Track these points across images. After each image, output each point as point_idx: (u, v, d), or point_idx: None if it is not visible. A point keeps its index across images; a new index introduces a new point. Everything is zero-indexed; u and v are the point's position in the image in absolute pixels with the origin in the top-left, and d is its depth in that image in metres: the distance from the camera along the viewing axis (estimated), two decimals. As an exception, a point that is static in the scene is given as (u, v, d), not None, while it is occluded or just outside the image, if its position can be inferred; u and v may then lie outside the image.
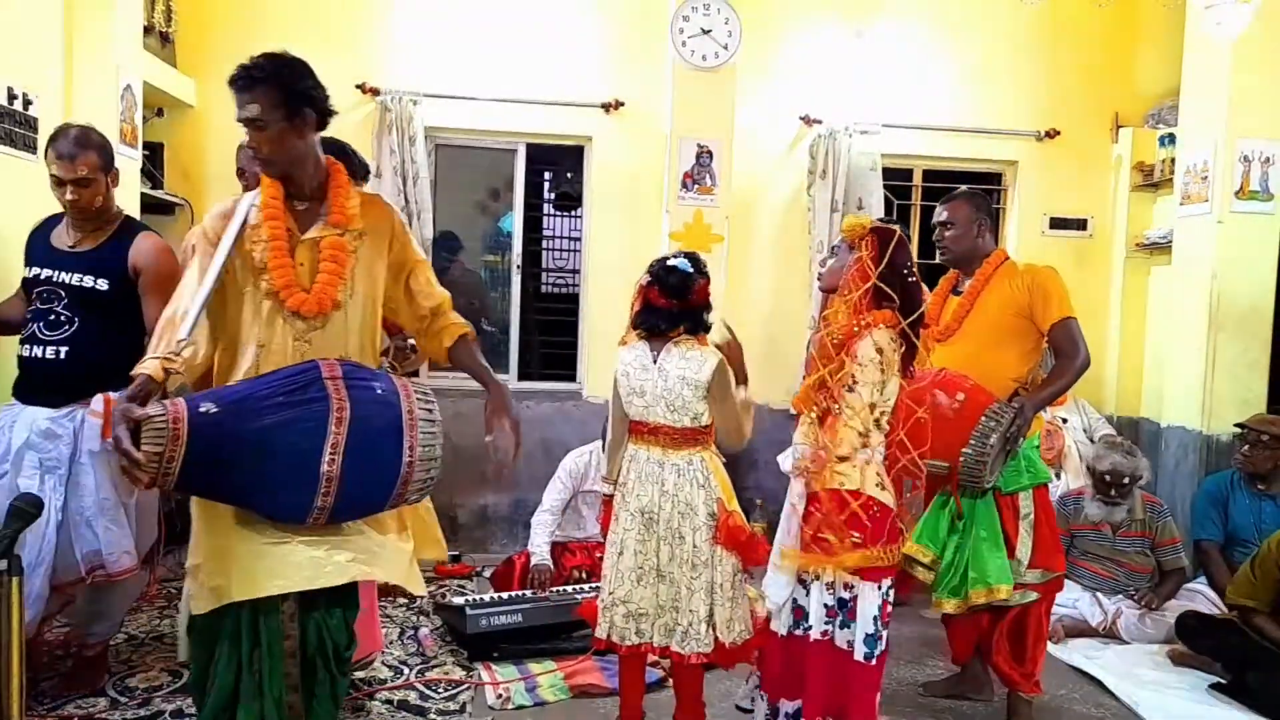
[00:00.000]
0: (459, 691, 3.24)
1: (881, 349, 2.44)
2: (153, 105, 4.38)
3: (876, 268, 2.48)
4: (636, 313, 2.73)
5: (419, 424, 2.06)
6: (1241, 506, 4.06)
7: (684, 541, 2.61)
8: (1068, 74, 5.39)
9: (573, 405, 5.12)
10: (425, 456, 2.06)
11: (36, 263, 2.89)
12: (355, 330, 2.18)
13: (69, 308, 2.84)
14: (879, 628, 2.46)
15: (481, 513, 5.01)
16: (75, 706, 2.95)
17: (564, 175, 5.42)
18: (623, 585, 2.67)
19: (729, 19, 4.69)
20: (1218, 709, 3.32)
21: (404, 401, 2.06)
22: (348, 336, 2.17)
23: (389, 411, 2.04)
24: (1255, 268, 4.46)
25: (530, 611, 3.59)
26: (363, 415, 1.99)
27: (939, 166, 5.48)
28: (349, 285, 2.15)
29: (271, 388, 1.99)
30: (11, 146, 3.24)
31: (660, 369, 2.65)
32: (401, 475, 2.04)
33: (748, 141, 5.06)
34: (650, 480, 2.65)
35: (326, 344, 2.12)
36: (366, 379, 2.06)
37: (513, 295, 5.24)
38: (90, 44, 3.65)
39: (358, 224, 2.18)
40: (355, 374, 2.06)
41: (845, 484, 2.43)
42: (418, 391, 2.11)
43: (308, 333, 2.12)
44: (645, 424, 2.69)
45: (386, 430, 2.02)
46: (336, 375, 2.02)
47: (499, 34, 4.95)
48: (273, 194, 2.14)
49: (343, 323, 2.15)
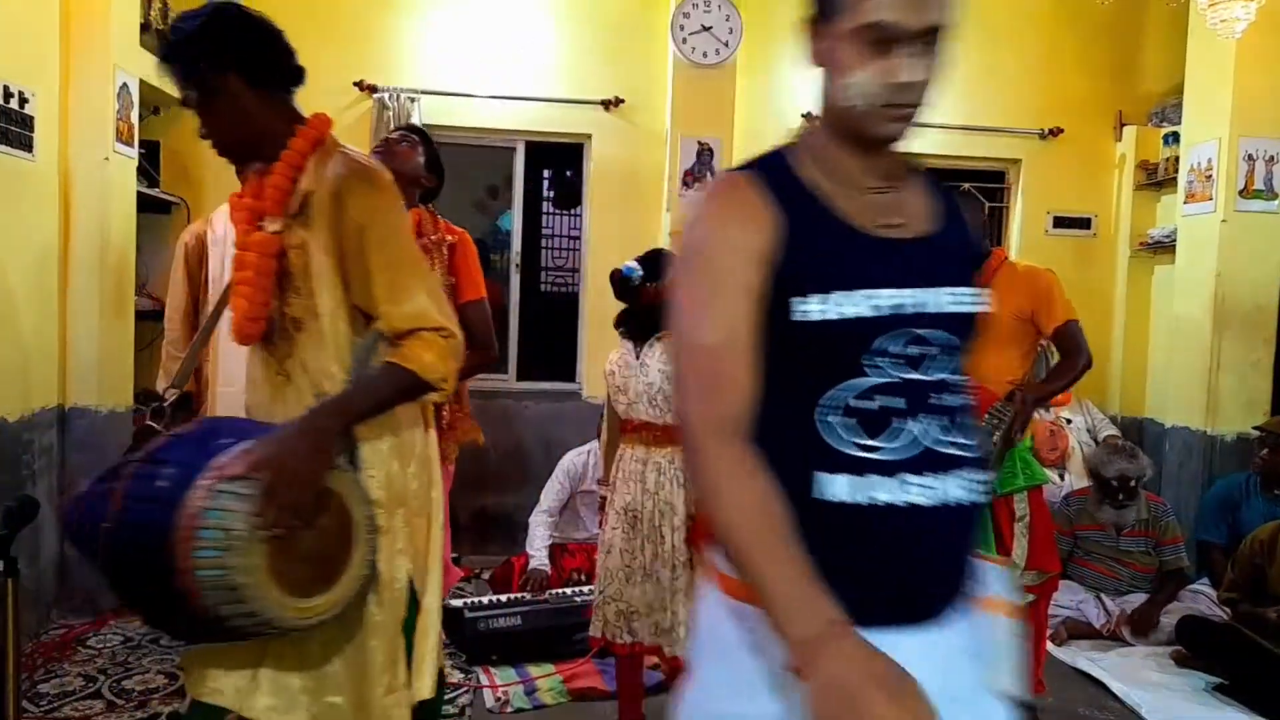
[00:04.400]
0: (458, 694, 3.22)
1: None
2: (149, 103, 4.35)
3: None
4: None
5: (199, 534, 1.38)
6: (1256, 511, 3.99)
7: (664, 541, 2.63)
8: (1071, 72, 5.36)
9: (572, 405, 5.10)
10: (216, 584, 1.39)
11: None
12: (330, 348, 1.64)
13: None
14: None
15: (480, 514, 4.99)
16: (72, 708, 2.93)
17: (563, 173, 5.40)
18: (612, 584, 2.70)
19: (729, 16, 4.67)
20: (1220, 711, 3.29)
21: (191, 501, 1.40)
22: (323, 359, 1.64)
23: (163, 514, 1.41)
24: (1260, 267, 4.43)
25: (529, 614, 3.57)
26: (126, 522, 1.46)
27: (941, 165, 5.45)
28: (303, 294, 1.63)
29: (113, 465, 1.57)
30: (7, 145, 3.21)
31: (643, 365, 2.69)
32: (189, 608, 1.41)
33: (748, 139, 5.03)
34: (633, 479, 2.68)
35: (303, 371, 1.65)
36: (167, 460, 1.49)
37: (512, 294, 5.22)
38: (87, 42, 3.62)
39: (296, 205, 1.63)
40: (166, 453, 1.52)
41: None
42: (231, 483, 1.41)
43: (280, 361, 1.67)
44: (630, 421, 2.73)
45: (149, 541, 1.42)
46: (147, 455, 1.52)
47: (498, 31, 4.92)
48: (245, 188, 1.76)
49: (313, 345, 1.64)
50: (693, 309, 1.12)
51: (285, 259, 1.64)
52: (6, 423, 3.27)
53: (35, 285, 3.46)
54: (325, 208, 1.62)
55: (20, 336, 3.37)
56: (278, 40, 1.71)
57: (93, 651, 3.38)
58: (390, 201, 1.66)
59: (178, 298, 3.29)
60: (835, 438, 1.10)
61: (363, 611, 1.65)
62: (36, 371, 3.47)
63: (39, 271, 3.49)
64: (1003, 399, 2.81)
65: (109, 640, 3.48)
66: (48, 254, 3.55)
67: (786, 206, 1.12)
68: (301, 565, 1.48)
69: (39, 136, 3.39)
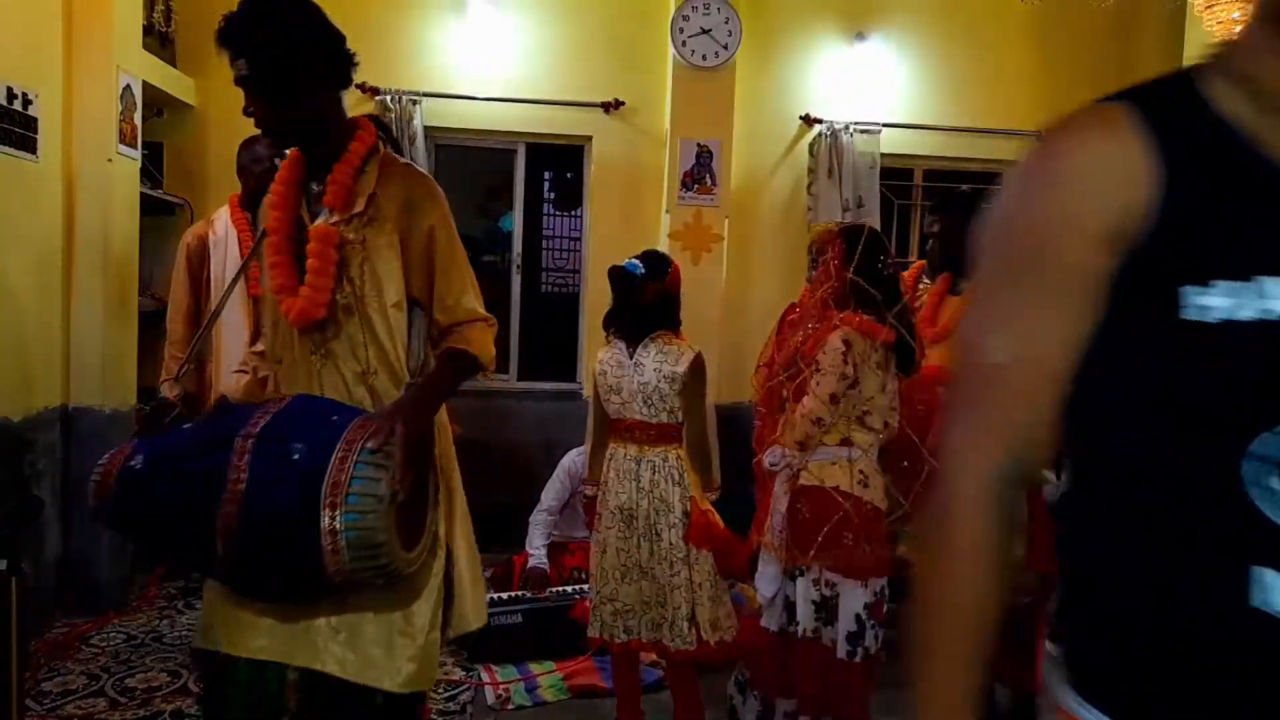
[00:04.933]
0: (459, 692, 3.24)
1: (850, 344, 2.45)
2: (152, 105, 4.38)
3: (845, 268, 2.50)
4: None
5: (348, 500, 1.54)
6: None
7: (661, 539, 2.65)
8: (1067, 74, 5.38)
9: (572, 405, 5.11)
10: (358, 543, 1.55)
11: None
12: (373, 338, 1.81)
13: None
14: (864, 627, 2.46)
15: (481, 513, 4.99)
16: (75, 707, 2.95)
17: (564, 175, 5.42)
18: (608, 584, 2.71)
19: (729, 18, 4.69)
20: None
21: (333, 471, 1.56)
22: (367, 347, 1.81)
23: (303, 485, 1.56)
24: (1256, 267, 4.45)
25: (530, 612, 3.59)
26: (258, 494, 1.58)
27: (939, 166, 5.48)
28: (356, 284, 1.78)
29: (193, 443, 1.70)
30: (11, 146, 3.24)
31: (637, 364, 2.69)
32: (326, 567, 1.57)
33: (748, 141, 5.06)
34: (628, 477, 2.69)
35: (345, 355, 1.81)
36: (286, 438, 1.62)
37: (513, 295, 5.24)
38: (90, 44, 3.64)
39: (361, 205, 1.78)
40: (279, 430, 1.65)
41: (826, 481, 2.44)
42: (373, 455, 1.58)
43: (324, 344, 1.81)
44: (622, 421, 2.73)
45: (290, 511, 1.57)
46: (253, 433, 1.64)
47: (499, 34, 4.94)
48: (285, 174, 1.84)
49: (358, 330, 1.80)
50: (986, 311, 0.85)
51: (342, 250, 1.79)
52: (10, 422, 3.29)
53: (39, 286, 3.48)
54: (395, 212, 1.80)
55: (24, 337, 3.39)
56: (344, 40, 1.86)
57: (95, 650, 3.40)
58: (447, 209, 1.88)
59: (179, 298, 3.31)
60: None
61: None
62: (40, 372, 3.50)
63: (42, 272, 3.51)
64: None
65: (112, 639, 3.50)
66: (51, 255, 3.57)
67: (1180, 153, 0.76)
68: (404, 523, 1.67)
69: (42, 138, 3.42)
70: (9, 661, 1.81)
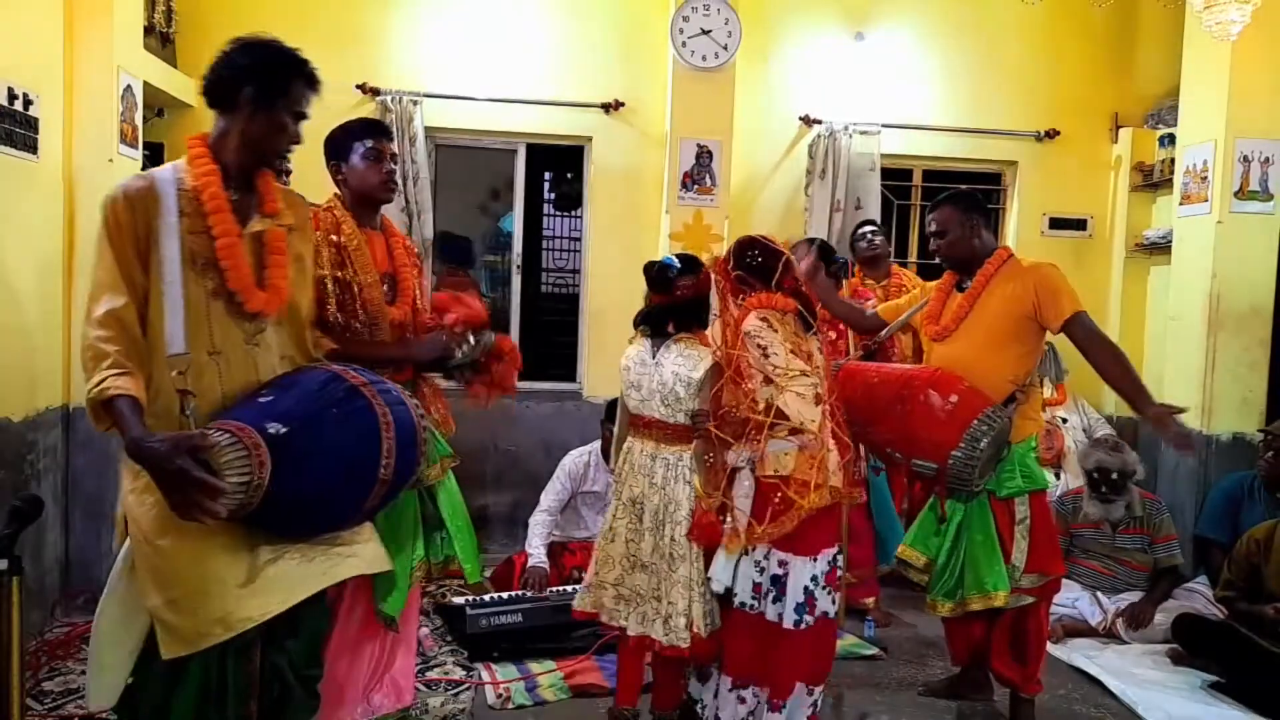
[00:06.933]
0: (459, 691, 3.24)
1: (766, 319, 2.55)
2: (153, 105, 4.38)
3: (727, 270, 2.68)
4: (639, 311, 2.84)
5: (423, 420, 2.12)
6: (1256, 513, 4.00)
7: (664, 534, 2.68)
8: (1067, 74, 5.39)
9: (573, 405, 5.12)
10: (426, 453, 2.19)
11: None
12: (295, 331, 2.10)
13: None
14: (812, 596, 2.54)
15: (481, 512, 5.01)
16: (76, 706, 2.96)
17: (564, 175, 5.43)
18: (613, 570, 2.76)
19: (729, 19, 4.69)
20: (1217, 708, 3.32)
21: (408, 400, 2.09)
22: (290, 337, 2.08)
23: (411, 413, 2.05)
24: (1255, 268, 4.46)
25: (530, 611, 3.60)
26: (399, 418, 1.99)
27: (939, 166, 5.48)
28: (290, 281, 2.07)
29: (317, 400, 1.91)
30: (11, 147, 3.24)
31: (658, 364, 2.72)
32: (415, 474, 2.15)
33: (747, 141, 5.07)
34: (641, 472, 2.73)
35: (271, 347, 2.01)
36: (378, 380, 2.04)
37: (513, 295, 5.25)
38: (91, 44, 3.65)
39: (287, 217, 2.07)
40: (369, 376, 2.03)
41: (782, 472, 2.51)
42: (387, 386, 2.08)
43: (255, 334, 1.99)
44: (641, 417, 2.77)
45: (413, 431, 2.04)
46: (360, 380, 1.99)
47: (499, 34, 4.94)
48: (212, 183, 1.96)
49: (289, 322, 2.08)
50: None
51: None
52: (11, 422, 3.30)
53: (39, 286, 3.48)
54: (303, 227, 2.17)
55: (25, 337, 3.40)
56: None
57: (96, 649, 3.40)
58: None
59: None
60: None
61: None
62: (41, 372, 3.50)
63: (43, 272, 3.51)
64: (1001, 402, 2.81)
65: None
66: (52, 255, 3.58)
67: None
68: None
69: (43, 138, 3.42)
70: (9, 661, 1.81)
